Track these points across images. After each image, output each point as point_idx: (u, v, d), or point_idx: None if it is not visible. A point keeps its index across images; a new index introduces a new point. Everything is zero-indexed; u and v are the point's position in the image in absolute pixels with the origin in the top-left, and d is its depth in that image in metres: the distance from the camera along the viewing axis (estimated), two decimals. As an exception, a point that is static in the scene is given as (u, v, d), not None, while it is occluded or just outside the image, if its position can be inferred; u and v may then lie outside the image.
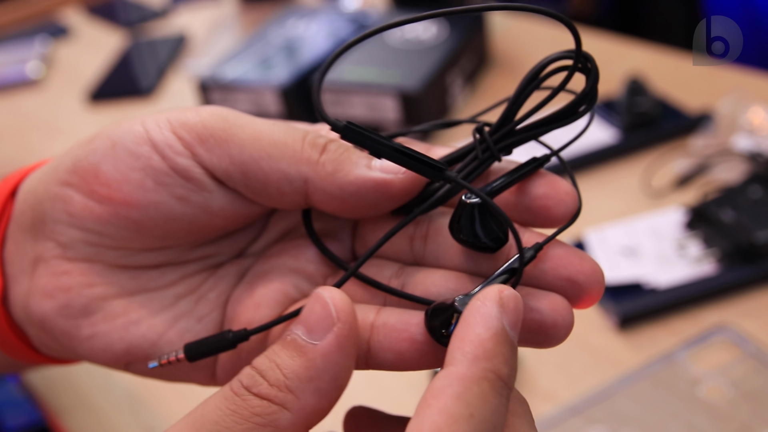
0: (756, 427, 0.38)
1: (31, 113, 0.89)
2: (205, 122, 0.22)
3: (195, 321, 0.24)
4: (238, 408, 0.18)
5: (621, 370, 0.43)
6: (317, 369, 0.18)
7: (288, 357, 0.18)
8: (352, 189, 0.21)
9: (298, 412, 0.18)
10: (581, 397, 0.41)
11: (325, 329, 0.18)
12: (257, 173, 0.22)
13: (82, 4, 1.18)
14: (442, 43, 0.71)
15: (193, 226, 0.23)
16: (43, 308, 0.23)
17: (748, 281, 0.46)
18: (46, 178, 0.23)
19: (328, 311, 0.18)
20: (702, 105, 0.63)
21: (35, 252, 0.24)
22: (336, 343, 0.18)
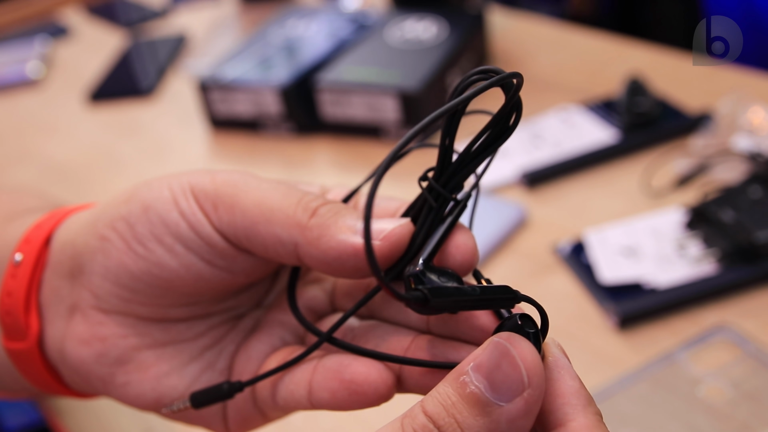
0: (756, 427, 0.38)
1: (31, 113, 0.89)
2: (217, 189, 0.24)
3: (218, 373, 0.26)
4: None
5: (621, 370, 0.43)
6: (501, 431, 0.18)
7: (470, 415, 0.18)
8: (335, 254, 0.22)
9: None
10: (581, 397, 0.41)
11: (514, 392, 0.18)
12: (257, 237, 0.23)
13: (82, 4, 1.18)
14: (442, 43, 0.71)
15: (219, 285, 0.25)
16: (80, 355, 0.25)
17: (748, 281, 0.46)
18: (84, 231, 0.25)
19: (519, 374, 0.18)
20: (702, 105, 0.63)
21: (72, 299, 0.25)
22: (525, 410, 0.18)
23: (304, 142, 0.72)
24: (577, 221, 0.54)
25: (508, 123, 0.21)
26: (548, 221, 0.56)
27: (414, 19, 0.77)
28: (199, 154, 0.75)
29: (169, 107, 0.84)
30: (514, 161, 0.62)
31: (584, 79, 0.73)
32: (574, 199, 0.58)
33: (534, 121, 0.67)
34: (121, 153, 0.77)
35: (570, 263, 0.50)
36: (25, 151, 0.81)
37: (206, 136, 0.77)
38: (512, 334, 0.18)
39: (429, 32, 0.74)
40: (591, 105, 0.67)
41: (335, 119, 0.70)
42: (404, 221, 0.22)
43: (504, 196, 0.59)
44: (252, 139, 0.74)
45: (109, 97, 0.87)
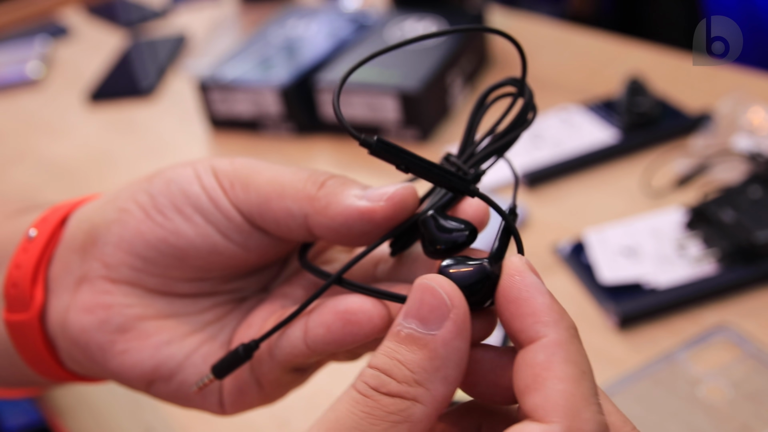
0: (756, 427, 0.38)
1: (32, 113, 0.89)
2: (236, 170, 0.25)
3: (218, 346, 0.26)
4: (372, 410, 0.18)
5: (621, 370, 0.43)
6: (442, 358, 0.18)
7: (409, 352, 0.19)
8: (342, 219, 0.23)
9: (430, 402, 0.18)
10: (581, 397, 0.41)
11: (441, 318, 0.19)
12: (269, 212, 0.24)
13: (82, 4, 1.18)
14: (442, 43, 0.71)
15: (232, 260, 0.25)
16: (82, 322, 0.25)
17: (748, 281, 0.46)
18: (103, 207, 0.26)
19: (440, 299, 0.19)
20: (702, 105, 0.63)
21: (81, 271, 0.26)
22: (455, 330, 0.19)
23: (304, 142, 0.72)
24: (577, 221, 0.54)
25: (525, 117, 0.23)
26: (548, 221, 0.56)
27: (414, 19, 0.77)
28: (199, 154, 0.75)
29: (169, 107, 0.84)
30: (514, 161, 0.62)
31: (584, 79, 0.73)
32: (574, 199, 0.58)
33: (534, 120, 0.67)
34: (121, 153, 0.77)
35: (570, 263, 0.50)
36: (25, 151, 0.81)
37: (206, 136, 0.77)
38: (430, 275, 0.19)
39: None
40: (591, 105, 0.67)
41: (335, 119, 0.70)
42: (408, 185, 0.23)
43: (504, 196, 0.59)
44: (252, 139, 0.74)
45: (109, 97, 0.87)
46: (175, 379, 0.25)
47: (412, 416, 0.18)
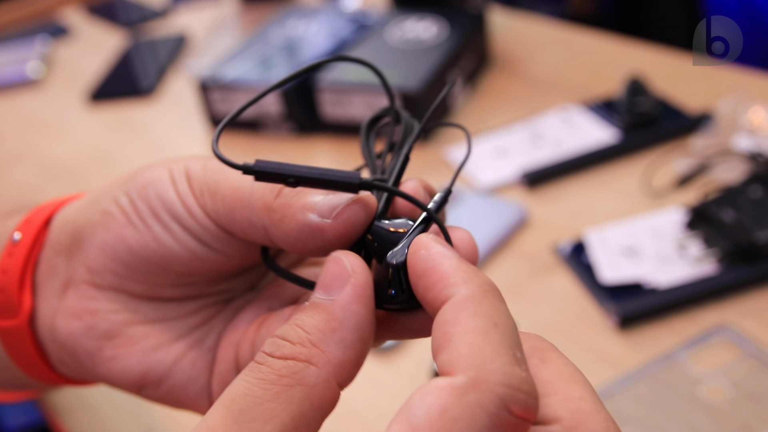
0: (756, 427, 0.38)
1: (32, 113, 0.89)
2: (206, 176, 0.24)
3: (206, 351, 0.26)
4: (264, 375, 0.18)
5: (621, 370, 0.43)
6: (338, 320, 0.18)
7: (308, 316, 0.19)
8: (295, 235, 0.23)
9: (324, 365, 0.18)
10: (581, 397, 0.41)
11: (342, 283, 0.19)
12: (234, 221, 0.24)
13: (82, 4, 1.18)
14: (443, 43, 0.71)
15: (214, 266, 0.25)
16: (69, 328, 0.25)
17: (748, 281, 0.46)
18: (86, 209, 0.26)
19: (342, 266, 0.19)
20: (702, 105, 0.63)
21: (67, 274, 0.25)
22: (353, 293, 0.19)
23: (305, 142, 0.72)
24: (578, 221, 0.54)
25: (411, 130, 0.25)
26: (548, 221, 0.56)
27: (414, 19, 0.77)
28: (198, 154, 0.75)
29: (169, 107, 0.84)
30: (514, 161, 0.62)
31: (584, 79, 0.73)
32: (575, 199, 0.58)
33: (534, 121, 0.67)
34: (122, 153, 0.77)
35: (570, 263, 0.50)
36: (25, 151, 0.81)
37: (206, 136, 0.77)
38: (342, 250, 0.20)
39: (429, 32, 0.74)
40: (591, 105, 0.67)
41: (335, 119, 0.70)
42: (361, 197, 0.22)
43: (504, 196, 0.59)
44: (252, 139, 0.74)
45: (110, 97, 0.87)
46: (165, 383, 0.25)
47: (305, 379, 0.18)
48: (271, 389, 0.17)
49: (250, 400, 0.17)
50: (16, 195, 0.73)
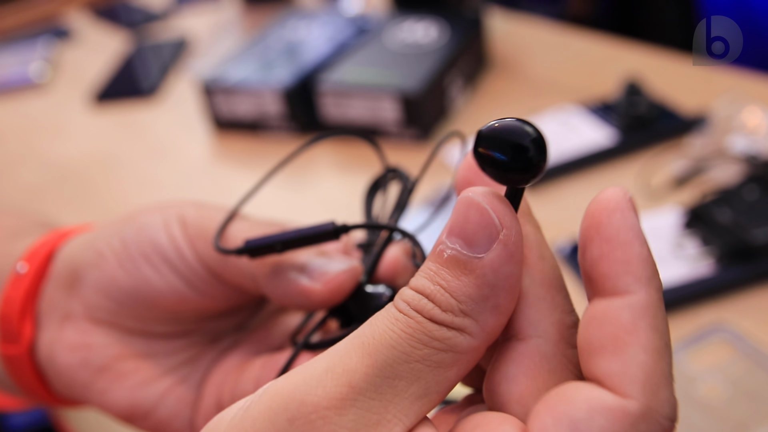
0: (752, 425, 0.39)
1: (36, 115, 0.89)
2: (201, 222, 0.26)
3: (191, 387, 0.27)
4: (415, 332, 0.16)
5: (618, 368, 0.43)
6: (490, 286, 0.16)
7: (453, 277, 0.16)
8: (282, 291, 0.24)
9: (478, 333, 0.16)
10: (579, 394, 0.42)
11: (489, 239, 0.16)
12: (226, 269, 0.25)
13: (86, 6, 1.18)
14: (442, 45, 0.72)
15: (200, 307, 0.26)
16: (66, 360, 0.27)
17: (744, 280, 0.47)
18: (84, 246, 0.27)
19: (489, 218, 0.16)
20: (698, 106, 0.64)
21: (66, 308, 0.27)
22: (506, 253, 0.16)
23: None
24: (576, 221, 0.55)
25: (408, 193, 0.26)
26: (547, 221, 0.56)
27: (413, 22, 0.77)
28: (201, 156, 0.75)
29: (172, 109, 0.84)
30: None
31: (582, 80, 0.74)
32: (573, 200, 0.58)
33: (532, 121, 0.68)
34: (125, 154, 0.78)
35: (570, 263, 0.51)
36: (30, 153, 0.81)
37: (209, 138, 0.77)
38: (475, 188, 0.17)
39: (428, 35, 0.75)
40: (589, 106, 0.68)
41: (336, 120, 0.71)
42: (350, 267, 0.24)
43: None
44: (254, 141, 0.74)
45: (113, 99, 0.87)
46: (152, 417, 0.27)
47: (457, 346, 0.16)
48: (420, 349, 0.16)
49: (397, 355, 0.16)
50: (21, 197, 0.73)
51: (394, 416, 0.16)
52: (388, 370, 0.16)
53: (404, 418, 0.16)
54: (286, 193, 0.66)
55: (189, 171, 0.73)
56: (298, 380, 0.16)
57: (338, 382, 0.15)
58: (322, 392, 0.15)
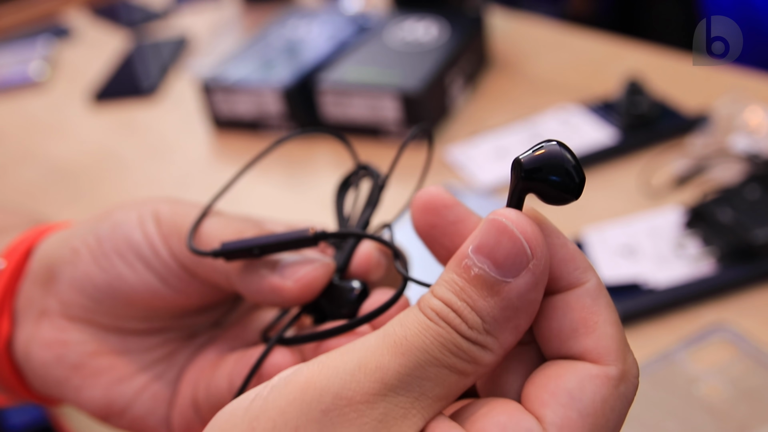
0: (754, 425, 0.39)
1: (35, 114, 0.89)
2: (175, 219, 0.26)
3: (167, 383, 0.27)
4: (446, 341, 0.17)
5: (619, 368, 0.43)
6: (514, 309, 0.17)
7: (480, 297, 0.17)
8: (255, 288, 0.24)
9: (497, 350, 0.18)
10: (580, 395, 0.42)
11: (519, 267, 0.17)
12: (200, 266, 0.25)
13: (85, 5, 1.18)
14: (443, 44, 0.72)
15: (174, 304, 0.27)
16: (41, 356, 0.27)
17: (746, 280, 0.46)
18: (60, 244, 0.27)
19: (521, 247, 0.17)
20: (700, 105, 0.64)
21: (42, 305, 0.27)
22: (533, 282, 0.17)
23: (306, 142, 0.73)
24: (576, 221, 0.55)
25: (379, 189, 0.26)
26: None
27: (414, 21, 0.77)
28: (201, 155, 0.75)
29: (171, 108, 0.84)
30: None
31: (583, 79, 0.74)
32: (574, 199, 0.58)
33: (533, 121, 0.67)
34: (124, 153, 0.78)
35: (569, 263, 0.51)
36: (29, 152, 0.81)
37: (208, 137, 0.77)
38: (508, 209, 0.18)
39: (429, 34, 0.74)
40: (590, 105, 0.68)
41: (336, 120, 0.71)
42: (323, 263, 0.24)
43: (504, 196, 0.59)
44: (254, 140, 0.74)
45: (112, 98, 0.87)
46: (127, 415, 0.27)
47: (479, 360, 0.17)
48: (449, 358, 0.17)
49: (428, 359, 0.17)
50: (20, 196, 0.73)
51: (418, 412, 0.17)
52: (418, 371, 0.17)
53: (426, 414, 0.17)
54: (286, 193, 0.66)
55: (189, 170, 0.73)
56: (329, 373, 0.17)
57: (372, 378, 0.17)
58: (357, 387, 0.16)
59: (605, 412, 0.17)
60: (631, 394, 0.18)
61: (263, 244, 0.23)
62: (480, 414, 0.18)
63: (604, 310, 0.18)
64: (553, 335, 0.18)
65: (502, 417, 0.17)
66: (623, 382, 0.18)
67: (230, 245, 0.24)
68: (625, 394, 0.18)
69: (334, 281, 0.24)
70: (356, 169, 0.27)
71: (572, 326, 0.18)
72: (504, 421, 0.17)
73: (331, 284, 0.24)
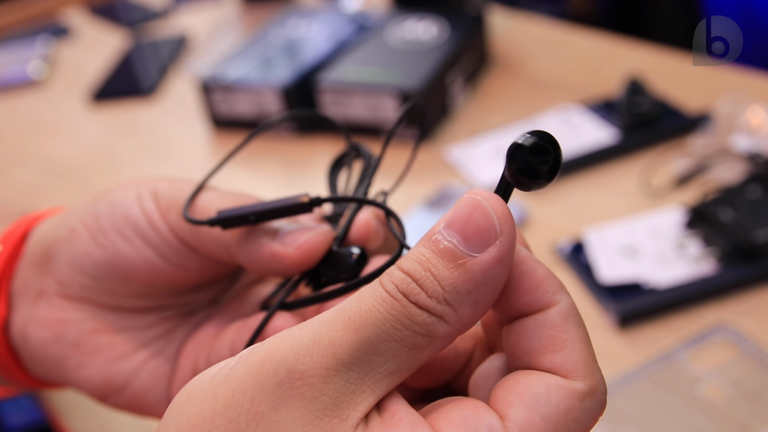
0: (755, 425, 0.39)
1: (34, 113, 0.89)
2: (173, 194, 0.26)
3: (165, 360, 0.28)
4: (399, 314, 0.17)
5: (621, 369, 0.43)
6: (476, 282, 0.18)
7: (444, 268, 0.18)
8: (255, 257, 0.24)
9: (454, 323, 0.18)
10: (581, 395, 0.42)
11: (486, 242, 0.18)
12: (199, 239, 0.25)
13: (84, 4, 1.18)
14: (443, 43, 0.72)
15: (173, 279, 0.27)
16: (40, 336, 0.27)
17: (747, 280, 0.46)
18: (56, 225, 0.27)
19: (491, 223, 0.18)
20: (701, 105, 0.64)
21: (39, 286, 0.27)
22: (498, 257, 0.18)
23: (305, 142, 0.72)
24: (577, 221, 0.55)
25: (370, 165, 0.26)
26: (548, 221, 0.56)
27: (414, 20, 0.77)
28: (200, 154, 0.75)
29: (170, 107, 0.84)
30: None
31: (584, 79, 0.73)
32: (574, 199, 0.58)
33: (534, 120, 0.67)
34: (123, 153, 0.78)
35: (570, 263, 0.51)
36: (27, 151, 0.81)
37: (207, 136, 0.77)
38: (482, 190, 0.18)
39: (429, 33, 0.74)
40: (591, 105, 0.67)
41: (336, 119, 0.70)
42: (321, 230, 0.24)
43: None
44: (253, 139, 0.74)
45: (111, 97, 0.87)
46: (126, 392, 0.27)
47: (434, 332, 0.18)
48: (401, 331, 0.17)
49: (379, 333, 0.17)
50: (18, 195, 0.73)
51: (368, 387, 0.17)
52: (369, 347, 0.17)
53: (376, 389, 0.17)
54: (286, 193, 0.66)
55: (188, 169, 0.72)
56: (285, 348, 0.17)
57: (324, 353, 0.17)
58: (310, 361, 0.17)
59: (567, 422, 0.17)
60: (596, 409, 0.18)
61: (259, 211, 0.23)
62: (446, 407, 0.18)
63: (574, 329, 0.19)
64: (524, 353, 0.19)
65: (467, 411, 0.18)
66: (590, 396, 0.18)
67: (226, 213, 0.24)
68: (590, 409, 0.18)
69: (333, 248, 0.25)
70: (348, 150, 0.28)
71: (541, 343, 0.18)
72: (467, 415, 0.17)
73: (330, 251, 0.24)
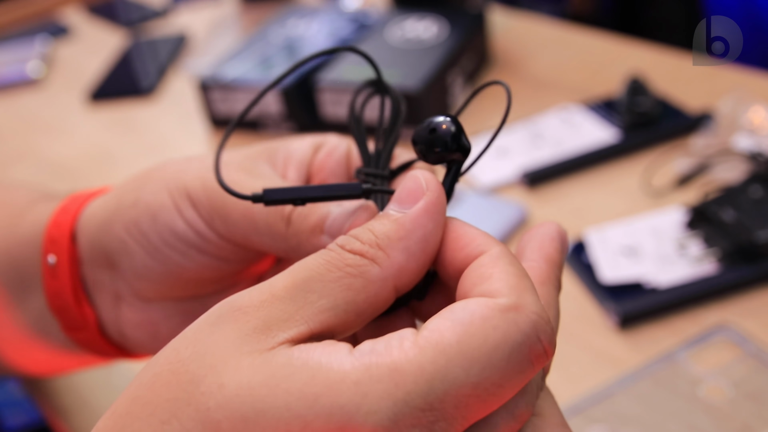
0: (757, 426, 0.38)
1: (32, 113, 0.89)
2: (210, 198, 0.26)
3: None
4: (332, 259, 0.19)
5: (621, 369, 0.43)
6: (406, 230, 0.20)
7: (380, 224, 0.20)
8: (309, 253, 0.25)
9: (386, 267, 0.19)
10: (581, 396, 0.41)
11: (415, 199, 0.20)
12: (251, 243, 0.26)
13: (83, 3, 1.18)
14: (443, 42, 0.71)
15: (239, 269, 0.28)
16: (136, 336, 0.29)
17: (748, 281, 0.46)
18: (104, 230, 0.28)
19: (418, 184, 0.21)
20: (702, 105, 0.63)
21: (114, 288, 0.29)
22: (424, 209, 0.20)
23: (305, 141, 0.72)
24: (578, 221, 0.54)
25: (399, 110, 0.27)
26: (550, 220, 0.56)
27: (414, 19, 0.77)
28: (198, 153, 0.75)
29: (169, 107, 0.84)
30: (514, 161, 0.62)
31: (585, 78, 0.73)
32: (575, 199, 0.58)
33: (534, 120, 0.67)
34: (122, 152, 0.77)
35: (570, 263, 0.50)
36: (25, 151, 0.81)
37: (206, 136, 0.77)
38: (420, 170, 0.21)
39: (429, 32, 0.74)
40: (591, 104, 0.67)
41: (336, 118, 0.70)
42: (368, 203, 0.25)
43: (504, 196, 0.59)
44: (253, 139, 0.74)
45: (110, 97, 0.87)
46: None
47: (366, 273, 0.19)
48: (334, 272, 0.19)
49: (313, 275, 0.19)
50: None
51: (300, 317, 0.19)
52: (302, 284, 0.19)
53: (309, 321, 0.19)
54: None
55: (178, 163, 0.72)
56: (236, 296, 0.19)
57: (261, 290, 0.19)
58: (248, 297, 0.19)
59: (486, 329, 0.17)
60: (524, 324, 0.18)
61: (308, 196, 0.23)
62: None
63: (504, 265, 0.19)
64: (460, 293, 0.20)
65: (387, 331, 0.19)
66: (514, 310, 0.18)
67: (272, 192, 0.23)
68: (515, 321, 0.18)
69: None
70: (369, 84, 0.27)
71: (472, 281, 0.19)
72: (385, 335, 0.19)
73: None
